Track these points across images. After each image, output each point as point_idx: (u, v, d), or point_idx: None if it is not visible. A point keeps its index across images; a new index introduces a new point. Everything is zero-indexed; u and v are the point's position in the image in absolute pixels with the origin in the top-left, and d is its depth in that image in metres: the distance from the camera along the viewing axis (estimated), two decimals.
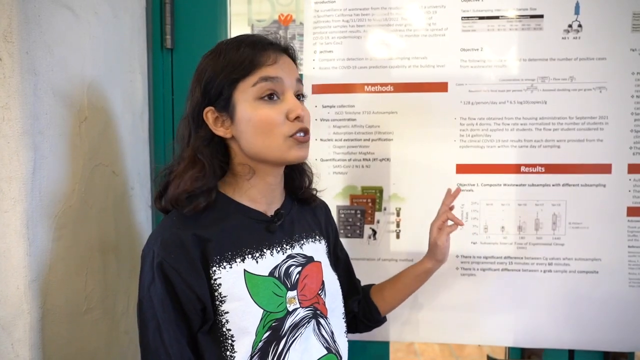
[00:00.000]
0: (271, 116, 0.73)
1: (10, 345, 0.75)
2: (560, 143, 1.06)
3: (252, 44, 0.74)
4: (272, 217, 0.79)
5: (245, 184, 0.78)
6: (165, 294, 0.70)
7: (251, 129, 0.73)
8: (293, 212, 0.84)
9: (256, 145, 0.74)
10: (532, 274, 1.08)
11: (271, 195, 0.80)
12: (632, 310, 1.06)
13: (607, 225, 1.06)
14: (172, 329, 0.70)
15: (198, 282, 0.70)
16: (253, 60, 0.73)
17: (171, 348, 0.69)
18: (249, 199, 0.78)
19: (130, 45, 1.08)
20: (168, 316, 0.70)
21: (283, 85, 0.74)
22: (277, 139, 0.73)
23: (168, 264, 0.70)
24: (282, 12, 1.28)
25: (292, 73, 0.76)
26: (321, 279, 0.82)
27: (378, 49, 1.09)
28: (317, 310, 0.79)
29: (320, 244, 0.86)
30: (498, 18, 1.06)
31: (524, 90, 1.06)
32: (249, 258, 0.74)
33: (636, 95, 1.05)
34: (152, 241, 0.72)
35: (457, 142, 1.08)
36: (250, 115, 0.73)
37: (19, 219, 0.74)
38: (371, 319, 0.97)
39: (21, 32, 0.73)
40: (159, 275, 0.70)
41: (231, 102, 0.74)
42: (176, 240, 0.71)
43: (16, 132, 0.73)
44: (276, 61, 0.74)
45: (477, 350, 2.58)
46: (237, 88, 0.74)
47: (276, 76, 0.73)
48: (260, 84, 0.73)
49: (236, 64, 0.73)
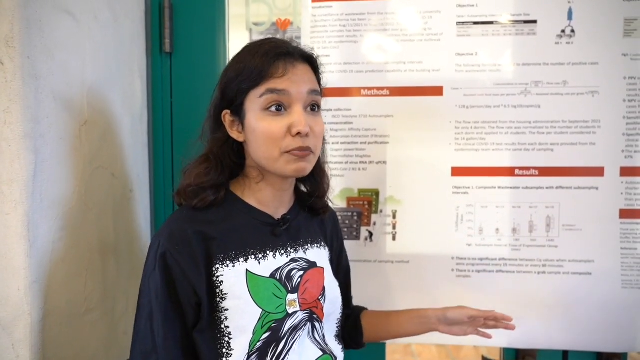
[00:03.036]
0: (272, 130, 0.73)
1: (10, 345, 0.76)
2: (554, 146, 1.08)
3: (265, 53, 0.74)
4: (278, 221, 0.80)
5: (254, 186, 0.79)
6: (163, 284, 0.71)
7: (255, 139, 0.75)
8: (301, 218, 0.85)
9: (259, 155, 0.76)
10: (527, 276, 1.09)
11: (279, 199, 0.81)
12: (625, 311, 1.08)
13: (600, 227, 1.08)
14: (163, 318, 0.71)
15: (197, 277, 0.72)
16: (262, 71, 0.73)
17: (158, 338, 0.71)
18: (258, 201, 0.79)
19: (129, 49, 1.09)
20: (160, 306, 0.71)
21: (290, 98, 0.73)
22: (275, 152, 0.74)
23: (171, 254, 0.71)
24: (280, 16, 1.29)
25: (303, 84, 0.74)
26: (322, 284, 0.82)
27: (374, 53, 1.11)
28: (313, 314, 0.80)
29: (325, 250, 0.87)
30: (492, 23, 1.08)
31: (518, 94, 1.08)
32: (252, 258, 0.75)
33: (628, 99, 1.06)
34: (160, 232, 0.74)
35: (452, 145, 1.10)
36: (255, 126, 0.74)
37: (20, 221, 0.75)
38: (354, 340, 0.95)
39: (23, 37, 0.74)
40: (160, 265, 0.71)
41: (243, 109, 0.76)
42: (182, 235, 0.73)
43: (17, 136, 0.74)
44: (285, 73, 0.73)
45: (473, 351, 2.59)
46: (248, 97, 0.75)
47: (283, 89, 0.73)
48: (266, 96, 0.73)
49: (248, 72, 0.73)
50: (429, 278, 1.11)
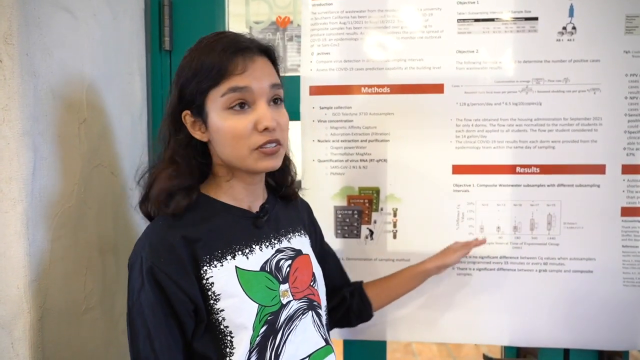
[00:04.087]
0: (238, 128, 0.71)
1: (10, 344, 0.76)
2: (555, 144, 1.07)
3: (222, 49, 0.71)
4: (258, 213, 0.80)
5: (225, 184, 0.78)
6: (156, 299, 0.69)
7: (221, 138, 0.73)
8: (277, 208, 0.84)
9: (227, 154, 0.74)
10: (528, 274, 1.09)
11: (253, 193, 0.80)
12: (627, 309, 1.07)
13: (602, 225, 1.07)
14: (164, 336, 0.69)
15: (189, 284, 0.70)
16: (221, 69, 0.71)
17: (162, 355, 0.69)
18: (231, 197, 0.78)
19: (129, 47, 1.08)
20: (159, 323, 0.69)
21: (253, 94, 0.72)
22: (244, 150, 0.72)
23: (158, 268, 0.69)
24: (280, 14, 1.29)
25: (264, 79, 0.73)
26: (311, 270, 0.83)
27: (375, 50, 1.10)
28: (313, 302, 0.80)
29: (306, 238, 0.87)
30: (493, 20, 1.07)
31: (519, 91, 1.07)
32: (239, 254, 0.75)
33: (630, 96, 1.06)
34: (138, 248, 0.72)
35: (453, 143, 1.09)
36: (219, 126, 0.72)
37: (18, 219, 0.75)
38: (364, 314, 0.97)
39: (21, 35, 0.74)
40: (149, 281, 0.69)
41: (204, 109, 0.74)
42: (165, 244, 0.71)
43: (16, 133, 0.74)
44: (245, 69, 0.71)
45: (474, 350, 2.59)
46: (208, 97, 0.73)
47: (245, 86, 0.71)
48: (228, 95, 0.71)
49: (206, 71, 0.71)
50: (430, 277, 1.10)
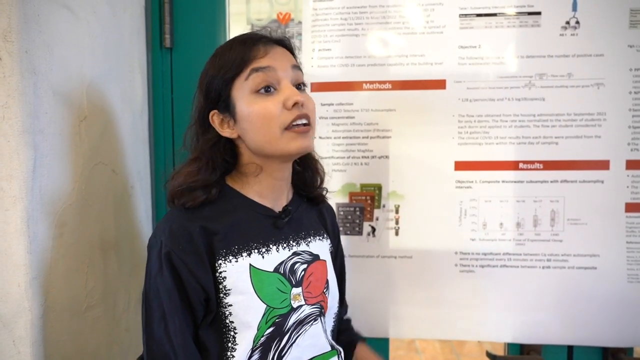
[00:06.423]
0: (267, 108, 0.72)
1: (11, 342, 0.76)
2: (559, 140, 1.07)
3: (242, 41, 0.75)
4: (280, 213, 0.79)
5: (253, 179, 0.78)
6: (173, 284, 0.70)
7: (251, 124, 0.73)
8: (301, 209, 0.84)
9: (259, 141, 0.74)
10: (531, 270, 1.08)
11: (279, 191, 0.80)
12: (631, 305, 1.07)
13: (606, 221, 1.07)
14: (178, 319, 0.70)
15: (204, 274, 0.71)
16: (244, 56, 0.73)
17: (175, 338, 0.70)
18: (256, 194, 0.78)
19: (129, 44, 1.08)
20: (174, 306, 0.70)
21: (277, 74, 0.73)
22: (275, 131, 0.72)
23: (176, 255, 0.70)
24: (281, 11, 1.28)
25: (286, 61, 0.75)
26: (326, 277, 0.82)
27: (376, 46, 1.09)
28: (322, 309, 0.80)
29: (327, 242, 0.86)
30: (496, 15, 1.07)
31: (522, 87, 1.07)
32: (255, 253, 0.75)
33: (634, 91, 1.05)
34: (159, 231, 0.73)
35: (455, 139, 1.09)
36: (248, 111, 0.73)
37: (19, 217, 0.75)
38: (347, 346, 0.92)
39: (21, 32, 0.74)
40: (167, 266, 0.70)
41: (230, 101, 0.75)
42: (184, 232, 0.71)
43: (16, 131, 0.74)
44: (267, 53, 0.74)
45: (477, 347, 2.59)
46: (234, 86, 0.74)
47: (267, 65, 0.73)
48: (252, 76, 0.72)
49: (229, 63, 0.74)
50: (432, 273, 1.10)
